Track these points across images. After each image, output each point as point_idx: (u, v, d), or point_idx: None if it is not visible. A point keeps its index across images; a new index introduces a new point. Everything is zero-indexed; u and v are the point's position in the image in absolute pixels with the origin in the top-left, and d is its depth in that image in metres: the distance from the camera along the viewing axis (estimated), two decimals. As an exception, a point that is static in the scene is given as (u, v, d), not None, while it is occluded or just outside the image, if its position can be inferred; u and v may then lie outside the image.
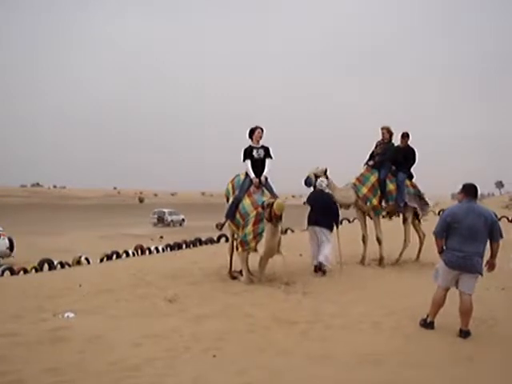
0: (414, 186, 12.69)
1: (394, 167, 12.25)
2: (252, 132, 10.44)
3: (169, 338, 6.48)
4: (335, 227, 11.10)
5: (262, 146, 10.45)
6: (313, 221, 10.91)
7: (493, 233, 6.61)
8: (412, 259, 12.66)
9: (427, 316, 7.01)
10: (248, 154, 10.37)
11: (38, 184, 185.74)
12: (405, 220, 12.75)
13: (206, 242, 24.93)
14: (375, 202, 11.91)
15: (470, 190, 6.76)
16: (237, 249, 10.15)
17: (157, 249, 23.55)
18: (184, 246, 24.47)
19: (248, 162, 10.33)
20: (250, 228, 9.71)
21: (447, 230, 6.74)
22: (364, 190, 11.89)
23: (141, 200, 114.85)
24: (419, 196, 12.75)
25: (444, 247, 6.84)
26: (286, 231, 24.80)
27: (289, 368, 5.51)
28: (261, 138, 10.46)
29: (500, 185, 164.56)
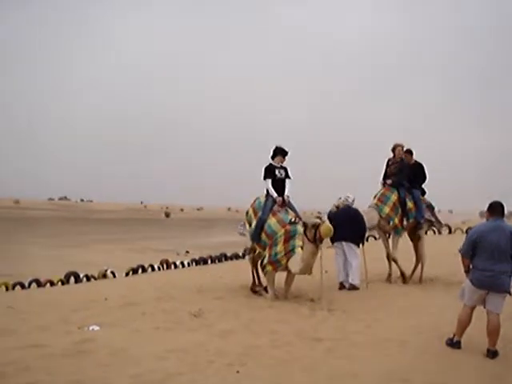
0: (425, 202, 12.61)
1: (408, 184, 12.15)
2: (278, 153, 10.44)
3: (193, 352, 6.47)
4: (361, 244, 11.08)
5: (282, 166, 10.44)
6: (340, 237, 10.83)
7: None
8: (437, 277, 12.48)
9: (454, 335, 6.90)
10: (270, 172, 10.32)
11: (65, 198, 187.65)
12: (419, 236, 12.57)
13: (231, 258, 24.95)
14: (397, 221, 11.77)
15: (496, 209, 6.67)
16: (263, 269, 10.04)
17: (182, 263, 23.63)
18: (209, 261, 24.51)
19: (269, 180, 10.26)
20: (280, 247, 9.57)
21: (473, 248, 6.65)
22: (386, 210, 11.75)
23: (167, 215, 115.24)
24: (432, 207, 12.77)
25: (471, 266, 6.75)
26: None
27: (313, 385, 5.47)
28: (283, 162, 10.49)
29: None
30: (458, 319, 6.87)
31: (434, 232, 28.22)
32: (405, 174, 11.97)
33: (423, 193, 12.55)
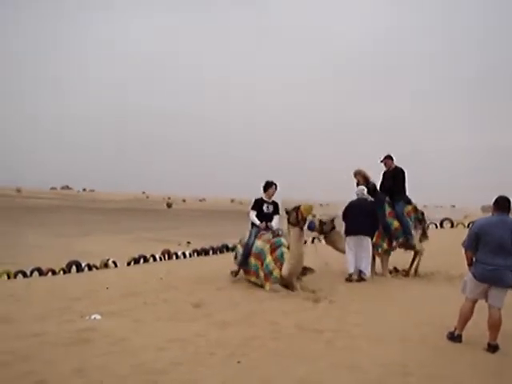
0: (415, 210, 12.33)
1: (388, 198, 11.95)
2: (267, 187, 10.81)
3: (194, 342, 6.48)
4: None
5: (273, 202, 10.84)
6: (354, 230, 10.77)
7: None
8: (438, 271, 12.46)
9: (455, 329, 6.90)
10: (258, 206, 10.77)
11: (67, 187, 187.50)
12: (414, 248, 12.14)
13: (232, 249, 24.96)
14: (386, 246, 11.64)
15: (502, 203, 6.63)
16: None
17: (184, 254, 23.67)
18: (211, 251, 24.54)
19: (253, 212, 10.75)
20: (269, 258, 9.89)
21: (476, 242, 6.63)
22: (373, 239, 11.41)
23: (169, 205, 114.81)
24: (419, 220, 12.37)
25: (474, 260, 6.74)
26: (313, 240, 24.77)
27: (313, 377, 5.47)
28: (273, 194, 10.86)
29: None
30: (459, 312, 6.86)
31: (436, 226, 28.24)
32: (377, 194, 11.81)
33: (409, 201, 12.28)
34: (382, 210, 11.69)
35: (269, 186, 10.78)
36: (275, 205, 10.83)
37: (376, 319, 7.95)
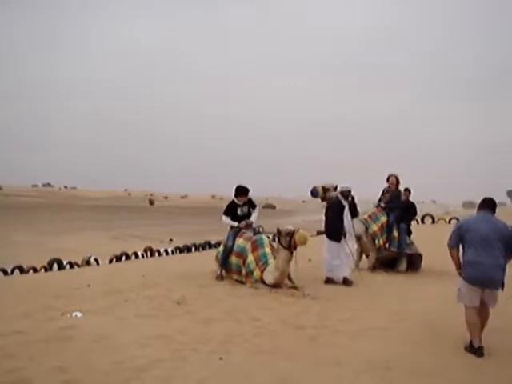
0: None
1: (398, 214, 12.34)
2: (239, 193, 10.74)
3: (176, 339, 6.47)
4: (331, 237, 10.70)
5: (245, 202, 10.78)
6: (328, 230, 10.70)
7: (510, 246, 6.44)
8: (421, 268, 12.53)
9: (471, 341, 6.46)
10: (231, 210, 10.74)
11: (49, 184, 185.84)
12: (397, 271, 12.28)
13: (215, 246, 24.99)
14: (382, 241, 12.00)
15: (487, 204, 6.61)
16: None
17: (166, 251, 23.66)
18: (193, 248, 24.54)
19: (227, 217, 10.72)
20: (250, 257, 9.92)
21: (461, 240, 6.58)
22: (374, 228, 12.03)
23: (151, 202, 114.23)
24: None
25: (461, 260, 6.59)
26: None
27: (296, 373, 5.48)
28: (245, 199, 10.78)
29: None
30: (466, 323, 6.50)
31: (417, 221, 28.37)
32: (396, 203, 12.24)
33: (409, 233, 12.68)
34: (395, 214, 12.20)
35: (241, 193, 10.71)
36: (249, 202, 10.81)
37: (359, 315, 7.98)
